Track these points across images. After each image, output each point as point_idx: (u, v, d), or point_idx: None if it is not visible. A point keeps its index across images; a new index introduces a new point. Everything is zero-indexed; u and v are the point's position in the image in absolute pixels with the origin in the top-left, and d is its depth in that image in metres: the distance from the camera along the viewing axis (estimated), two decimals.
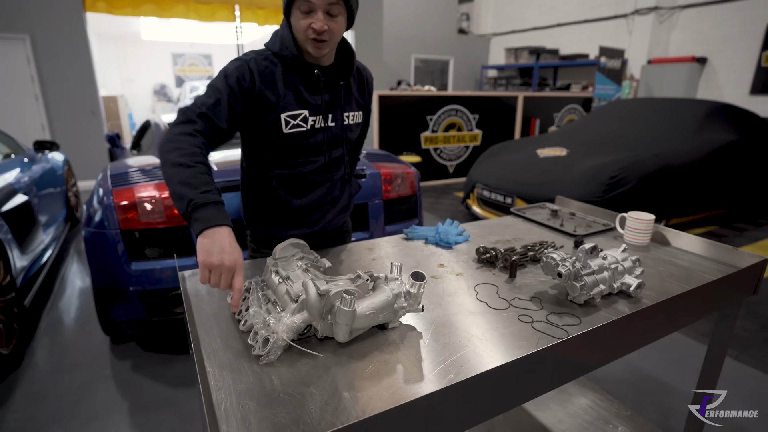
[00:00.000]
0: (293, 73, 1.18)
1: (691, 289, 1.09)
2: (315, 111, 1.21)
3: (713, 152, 3.98)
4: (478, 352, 0.83)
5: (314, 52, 1.14)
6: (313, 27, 1.08)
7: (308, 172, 1.28)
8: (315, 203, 1.32)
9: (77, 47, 5.62)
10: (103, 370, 2.19)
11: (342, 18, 1.12)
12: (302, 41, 1.14)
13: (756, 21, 6.28)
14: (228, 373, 0.77)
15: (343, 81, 1.25)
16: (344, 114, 1.28)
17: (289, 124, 1.18)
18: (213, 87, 1.11)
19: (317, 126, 1.23)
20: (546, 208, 1.83)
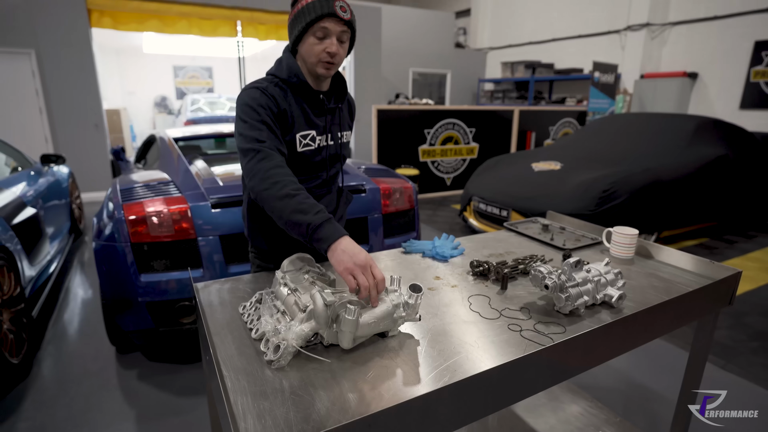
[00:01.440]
0: (300, 98, 1.30)
1: (668, 299, 1.17)
2: (320, 131, 1.35)
3: (703, 166, 4.09)
4: (470, 357, 0.91)
5: (324, 73, 1.26)
6: (327, 51, 1.21)
7: (313, 187, 1.39)
8: None
9: (82, 62, 5.75)
10: (110, 380, 2.25)
11: (347, 44, 1.27)
12: (313, 65, 1.25)
13: (744, 38, 6.46)
14: (243, 377, 0.85)
15: (340, 104, 1.40)
16: (339, 133, 1.42)
17: (302, 143, 1.30)
18: (256, 120, 1.19)
19: (321, 145, 1.36)
20: (538, 222, 1.92)
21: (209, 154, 3.38)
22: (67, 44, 5.62)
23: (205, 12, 6.41)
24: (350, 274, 0.95)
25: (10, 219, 2.58)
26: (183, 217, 2.08)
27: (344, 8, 1.20)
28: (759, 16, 6.29)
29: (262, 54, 10.93)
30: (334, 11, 1.18)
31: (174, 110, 11.54)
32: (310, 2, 1.19)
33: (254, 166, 1.14)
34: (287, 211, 1.06)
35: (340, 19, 1.20)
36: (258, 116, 1.20)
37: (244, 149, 1.17)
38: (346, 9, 1.21)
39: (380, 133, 5.95)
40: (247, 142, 1.17)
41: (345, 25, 1.22)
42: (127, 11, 5.94)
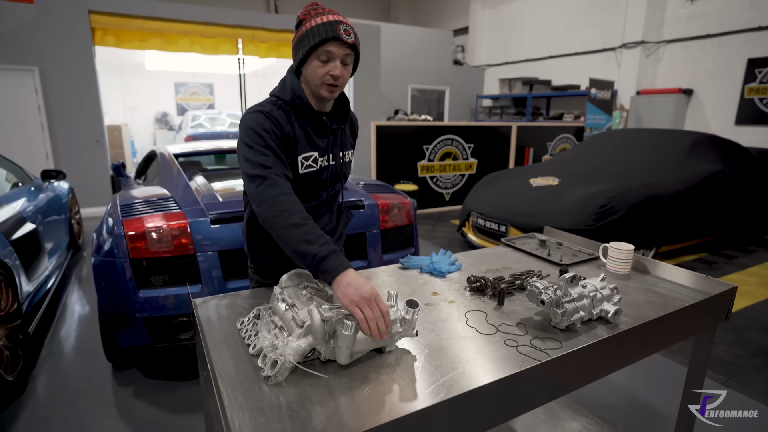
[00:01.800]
0: (303, 120, 1.32)
1: (664, 314, 1.18)
2: (322, 152, 1.36)
3: (699, 182, 4.12)
4: (467, 373, 0.91)
5: (328, 96, 1.28)
6: (331, 74, 1.23)
7: (314, 206, 1.40)
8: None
9: (85, 79, 5.82)
10: (105, 397, 2.23)
11: (351, 67, 1.29)
12: (316, 87, 1.27)
13: (737, 55, 6.57)
14: (240, 393, 0.85)
15: (343, 125, 1.41)
16: (340, 153, 1.43)
17: (304, 165, 1.32)
18: (261, 146, 1.21)
19: (323, 165, 1.38)
20: (535, 238, 1.93)
21: (209, 170, 3.40)
22: (70, 62, 5.70)
23: (207, 30, 6.52)
24: (356, 306, 0.94)
25: (9, 234, 2.59)
26: (182, 232, 2.09)
27: (348, 32, 1.22)
28: (751, 34, 6.40)
29: (262, 71, 11.08)
30: (338, 35, 1.20)
31: (175, 126, 11.63)
32: (315, 26, 1.21)
33: (262, 193, 1.16)
34: (294, 240, 1.08)
35: (344, 43, 1.21)
36: (263, 141, 1.21)
37: (251, 175, 1.19)
38: (350, 33, 1.22)
39: (379, 149, 6.00)
40: (254, 167, 1.19)
41: (349, 48, 1.23)
42: (130, 30, 6.04)
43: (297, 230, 1.08)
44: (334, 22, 1.21)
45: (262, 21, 6.87)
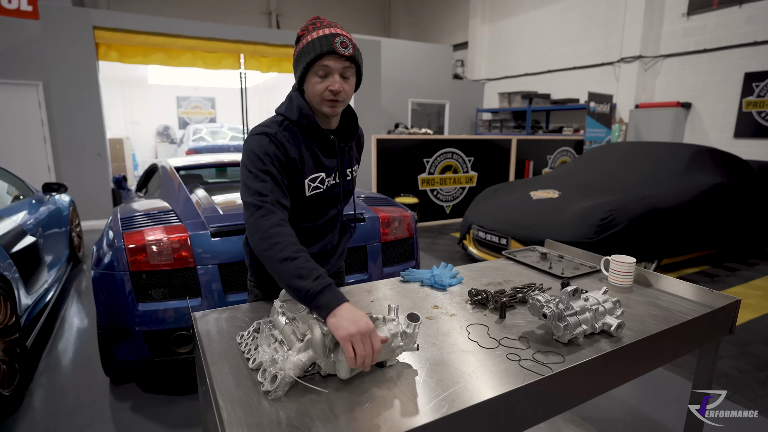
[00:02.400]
0: (310, 140, 1.28)
1: (668, 328, 1.17)
2: (329, 172, 1.32)
3: (700, 194, 4.12)
4: (469, 387, 0.90)
5: (330, 112, 1.23)
6: (330, 89, 1.18)
7: (319, 225, 1.38)
8: (321, 251, 1.42)
9: (88, 94, 5.87)
10: (103, 412, 2.21)
11: (353, 80, 1.24)
12: (317, 103, 1.23)
13: (734, 70, 6.63)
14: (239, 408, 0.84)
15: (350, 142, 1.36)
16: (348, 170, 1.40)
17: (311, 187, 1.29)
18: (260, 171, 1.17)
19: (330, 184, 1.34)
20: (536, 251, 1.92)
21: (210, 183, 3.41)
22: (74, 77, 5.76)
23: (210, 45, 6.60)
24: (349, 342, 0.89)
25: (9, 247, 2.59)
26: (183, 245, 2.09)
27: (345, 44, 1.17)
28: (747, 49, 6.47)
29: (264, 85, 11.19)
30: (333, 49, 1.16)
31: (176, 139, 11.70)
32: (311, 41, 1.18)
33: (255, 222, 1.12)
34: (286, 275, 1.03)
35: (341, 56, 1.17)
36: (263, 165, 1.17)
37: (247, 202, 1.16)
38: (347, 45, 1.18)
39: (380, 163, 6.02)
40: (250, 195, 1.15)
41: (347, 61, 1.19)
42: (133, 45, 6.11)
43: (289, 264, 1.04)
44: (330, 35, 1.17)
45: (263, 36, 6.96)
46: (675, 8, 7.30)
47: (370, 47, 7.86)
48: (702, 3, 6.90)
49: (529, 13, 10.07)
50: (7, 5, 6.94)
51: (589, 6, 8.68)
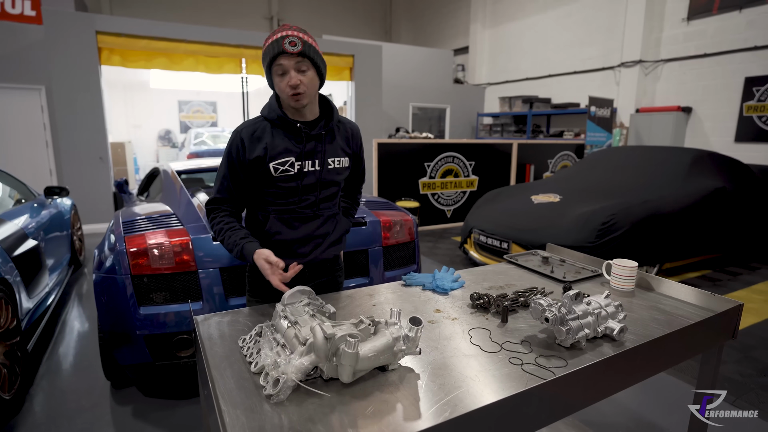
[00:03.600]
0: (281, 130, 1.44)
1: (671, 332, 1.16)
2: (300, 157, 1.45)
3: (701, 198, 4.12)
4: (471, 392, 0.90)
5: (295, 104, 1.39)
6: (289, 84, 1.34)
7: (300, 208, 1.49)
8: (307, 236, 1.52)
9: (91, 98, 5.89)
10: (103, 416, 2.20)
11: (311, 73, 1.38)
12: (286, 99, 1.39)
13: (734, 74, 6.64)
14: (241, 412, 0.83)
15: (324, 131, 1.48)
16: (328, 159, 1.50)
17: (278, 170, 1.43)
18: (221, 167, 1.48)
19: (305, 170, 1.46)
20: (537, 255, 1.92)
21: (212, 187, 3.41)
22: (76, 81, 5.78)
23: (212, 50, 6.63)
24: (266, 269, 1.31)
25: (11, 251, 2.59)
26: (184, 249, 2.09)
27: (293, 43, 1.32)
28: (747, 53, 6.48)
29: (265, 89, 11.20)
30: (283, 49, 1.31)
31: (178, 143, 11.73)
32: (266, 47, 1.36)
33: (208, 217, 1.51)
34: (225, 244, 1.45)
35: (291, 54, 1.32)
36: (225, 163, 1.46)
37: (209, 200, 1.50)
38: (296, 43, 1.32)
39: (381, 167, 6.03)
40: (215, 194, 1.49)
41: (298, 57, 1.33)
42: (136, 50, 6.14)
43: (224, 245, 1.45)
44: (280, 37, 1.32)
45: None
46: (675, 13, 7.32)
47: (371, 52, 7.89)
48: (702, 8, 6.92)
49: (530, 18, 10.11)
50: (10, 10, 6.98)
51: (589, 11, 8.71)
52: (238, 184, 1.47)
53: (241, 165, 1.43)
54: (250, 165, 1.43)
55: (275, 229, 1.48)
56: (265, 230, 1.49)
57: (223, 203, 1.48)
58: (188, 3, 12.46)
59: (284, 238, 1.49)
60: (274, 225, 1.48)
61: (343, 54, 7.57)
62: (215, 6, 12.74)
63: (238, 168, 1.44)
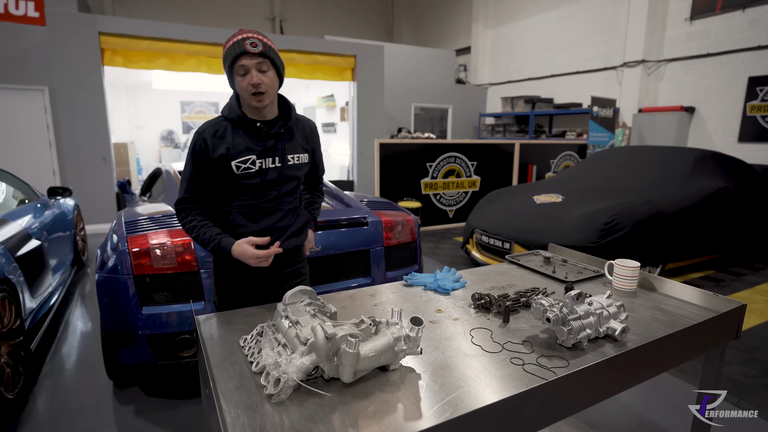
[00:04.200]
0: (241, 129, 1.50)
1: (673, 332, 1.16)
2: (261, 155, 1.51)
3: (704, 198, 4.10)
4: (472, 392, 0.90)
5: (257, 104, 1.44)
6: (251, 83, 1.40)
7: (262, 203, 1.56)
8: (268, 228, 1.58)
9: (94, 99, 5.91)
10: (106, 416, 2.21)
11: (272, 73, 1.44)
12: (247, 98, 1.44)
13: (737, 74, 6.61)
14: (242, 411, 0.83)
15: (283, 129, 1.53)
16: (288, 155, 1.56)
17: (240, 168, 1.49)
18: (186, 168, 1.51)
19: (265, 167, 1.52)
20: (540, 255, 1.92)
21: None
22: (79, 82, 5.80)
23: (214, 50, 6.63)
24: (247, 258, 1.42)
25: (14, 251, 2.60)
26: (186, 249, 2.10)
27: (254, 44, 1.38)
28: (750, 53, 6.45)
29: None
30: (244, 49, 1.37)
31: (180, 144, 11.76)
32: (227, 48, 1.40)
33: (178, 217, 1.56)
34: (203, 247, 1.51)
35: (252, 54, 1.38)
36: (190, 163, 1.50)
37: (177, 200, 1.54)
38: (257, 43, 1.38)
39: (383, 167, 6.02)
40: (179, 193, 1.54)
41: (260, 57, 1.39)
42: (138, 50, 6.16)
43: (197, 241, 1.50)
44: (241, 39, 1.38)
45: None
46: (678, 13, 7.30)
47: (373, 52, 7.88)
48: (705, 7, 6.90)
49: (532, 18, 10.09)
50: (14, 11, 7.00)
51: (591, 11, 8.69)
52: (204, 182, 1.52)
53: (205, 164, 1.48)
54: (213, 164, 1.48)
55: (238, 222, 1.55)
56: (228, 222, 1.56)
57: (192, 202, 1.53)
58: (190, 4, 12.49)
59: (247, 230, 1.55)
60: (237, 218, 1.55)
61: (345, 54, 7.57)
62: (217, 7, 12.76)
63: (202, 167, 1.49)
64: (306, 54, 7.24)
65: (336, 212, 2.60)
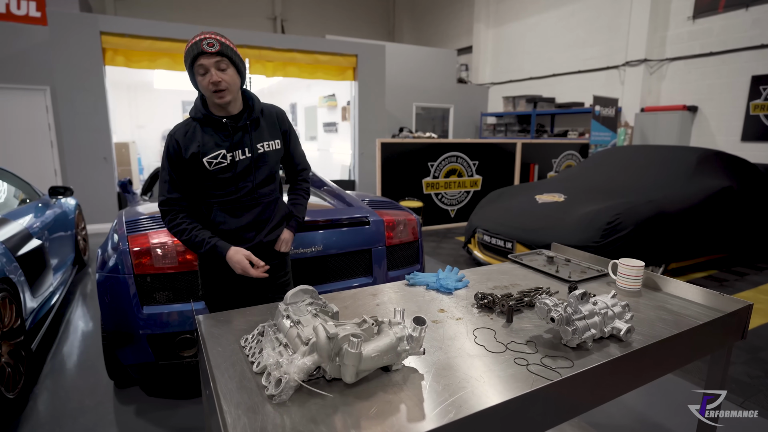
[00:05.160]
0: (209, 127, 1.55)
1: (679, 332, 1.15)
2: (231, 148, 1.55)
3: (707, 198, 4.08)
4: (476, 393, 0.88)
5: (219, 101, 1.48)
6: (211, 81, 1.44)
7: (241, 197, 1.60)
8: (249, 224, 1.63)
9: (95, 99, 5.91)
10: (106, 415, 2.20)
11: (231, 71, 1.48)
12: (209, 96, 1.49)
13: (740, 73, 6.59)
14: (243, 412, 0.82)
15: (249, 121, 1.58)
16: (257, 145, 1.60)
17: (212, 164, 1.53)
18: (162, 173, 1.55)
19: (237, 159, 1.56)
20: (542, 254, 1.90)
21: None
22: (81, 82, 5.80)
23: None
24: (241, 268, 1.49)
25: (15, 250, 2.59)
26: (187, 248, 2.08)
27: (211, 43, 1.42)
28: (754, 52, 6.43)
29: (269, 89, 11.23)
30: (202, 49, 1.42)
31: None
32: (186, 50, 1.45)
33: (164, 216, 1.57)
34: (192, 250, 1.56)
35: (210, 53, 1.42)
36: (166, 165, 1.54)
37: (159, 200, 1.56)
38: (214, 43, 1.43)
39: (384, 166, 6.01)
40: (160, 193, 1.56)
41: (217, 56, 1.43)
42: (139, 50, 6.15)
43: (188, 244, 1.54)
44: (198, 40, 1.42)
45: (268, 41, 6.98)
46: (680, 11, 7.27)
47: (374, 51, 7.87)
48: (708, 6, 6.87)
49: (533, 18, 10.07)
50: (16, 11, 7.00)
51: (593, 10, 8.67)
52: (182, 182, 1.55)
53: (180, 164, 1.53)
54: (187, 163, 1.52)
55: (220, 219, 1.59)
56: (210, 220, 1.60)
57: (175, 204, 1.56)
58: (192, 3, 12.49)
59: (229, 227, 1.60)
60: (218, 215, 1.59)
61: (346, 54, 7.56)
62: (219, 6, 12.76)
63: (178, 167, 1.53)
64: (307, 53, 7.23)
65: (337, 211, 2.59)
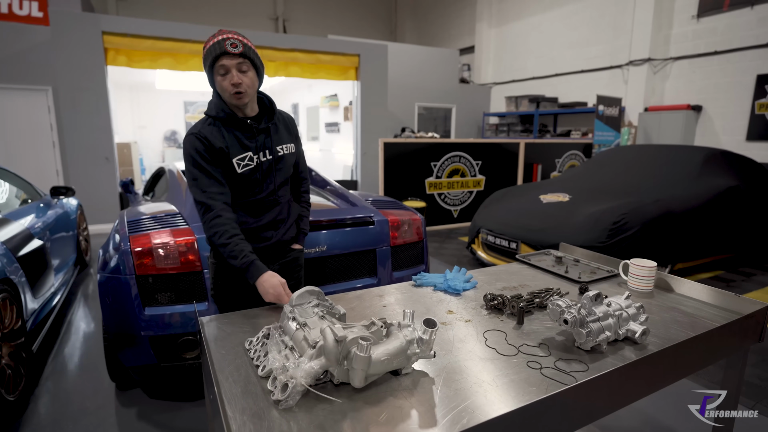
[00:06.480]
0: (231, 128, 1.51)
1: (695, 335, 1.11)
2: (255, 150, 1.54)
3: (714, 197, 4.04)
4: (489, 398, 0.85)
5: (238, 102, 1.45)
6: (232, 83, 1.41)
7: (262, 198, 1.58)
8: (269, 223, 1.62)
9: (97, 99, 5.89)
10: (108, 418, 2.17)
11: (251, 73, 1.46)
12: (228, 98, 1.45)
13: (745, 72, 6.54)
14: (248, 418, 0.79)
15: (270, 124, 1.58)
16: (277, 147, 1.60)
17: (240, 165, 1.51)
18: (196, 169, 1.46)
19: (260, 161, 1.55)
20: (551, 254, 1.87)
21: None
22: (83, 82, 5.78)
23: None
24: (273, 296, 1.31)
25: (16, 251, 2.57)
26: (189, 248, 2.06)
27: (234, 44, 1.40)
28: (759, 50, 6.38)
29: (270, 89, 11.21)
30: (225, 50, 1.39)
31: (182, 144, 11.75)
32: (208, 48, 1.42)
33: (203, 218, 1.46)
34: (226, 254, 1.43)
35: (233, 54, 1.40)
36: (196, 164, 1.45)
37: (195, 200, 1.47)
38: (237, 44, 1.41)
39: (387, 167, 5.98)
40: (195, 193, 1.47)
41: (240, 57, 1.41)
42: (141, 50, 6.13)
43: (225, 248, 1.42)
44: (221, 40, 1.40)
45: (270, 41, 6.96)
46: (685, 10, 7.22)
47: (377, 51, 7.84)
48: (712, 5, 6.82)
49: (536, 17, 10.02)
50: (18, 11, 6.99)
51: (596, 10, 8.62)
52: (218, 176, 1.49)
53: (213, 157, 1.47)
54: (216, 157, 1.48)
55: (242, 219, 1.57)
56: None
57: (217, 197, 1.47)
58: (194, 3, 12.49)
59: (250, 226, 1.58)
60: (240, 215, 1.57)
61: (348, 54, 7.53)
62: (221, 6, 12.75)
63: (210, 160, 1.47)
64: (309, 53, 7.21)
65: (341, 211, 2.56)
